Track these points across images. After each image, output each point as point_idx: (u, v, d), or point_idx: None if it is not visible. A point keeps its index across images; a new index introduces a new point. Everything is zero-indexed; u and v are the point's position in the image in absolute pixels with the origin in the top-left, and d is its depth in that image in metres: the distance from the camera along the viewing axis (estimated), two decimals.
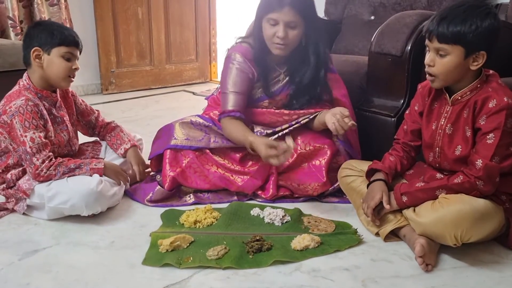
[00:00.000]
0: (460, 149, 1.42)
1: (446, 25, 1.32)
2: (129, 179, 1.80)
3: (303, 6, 1.75)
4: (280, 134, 1.86)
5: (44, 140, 1.60)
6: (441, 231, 1.34)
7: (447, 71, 1.36)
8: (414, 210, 1.44)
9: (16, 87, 1.68)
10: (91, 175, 1.61)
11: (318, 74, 1.85)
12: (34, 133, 1.58)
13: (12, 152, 1.65)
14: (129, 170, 1.88)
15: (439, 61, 1.36)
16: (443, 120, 1.46)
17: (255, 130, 1.88)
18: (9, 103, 1.60)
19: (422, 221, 1.38)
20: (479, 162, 1.34)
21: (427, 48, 1.41)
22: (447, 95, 1.46)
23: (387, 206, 1.47)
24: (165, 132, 1.96)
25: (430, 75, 1.40)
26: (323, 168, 1.81)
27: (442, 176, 1.48)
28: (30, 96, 1.62)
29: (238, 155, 1.88)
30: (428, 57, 1.39)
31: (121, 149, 1.89)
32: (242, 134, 1.78)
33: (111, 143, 1.92)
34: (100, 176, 1.62)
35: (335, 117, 1.68)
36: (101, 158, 1.90)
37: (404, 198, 1.46)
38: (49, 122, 1.67)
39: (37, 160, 1.58)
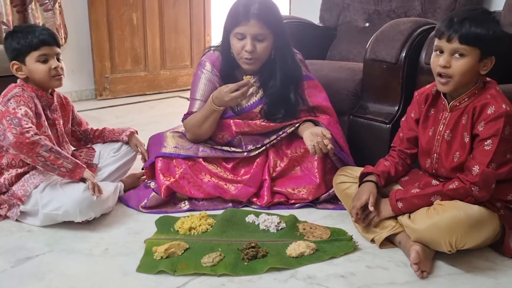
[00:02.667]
0: (458, 156, 1.42)
1: (469, 25, 1.31)
2: (102, 192, 1.62)
3: (270, 18, 1.75)
4: (268, 145, 1.87)
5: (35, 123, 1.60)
6: (436, 238, 1.34)
7: (464, 73, 1.36)
8: (410, 216, 1.44)
9: (11, 85, 1.69)
10: (71, 168, 1.57)
11: (287, 87, 1.85)
12: (27, 111, 1.57)
13: (3, 151, 1.64)
14: (124, 177, 1.90)
15: (456, 62, 1.35)
16: (441, 127, 1.47)
17: (243, 143, 1.89)
18: (5, 95, 1.62)
19: (417, 228, 1.38)
20: (476, 168, 1.34)
21: (437, 52, 1.39)
22: (445, 101, 1.46)
23: (371, 208, 1.48)
24: (156, 140, 1.96)
25: (445, 76, 1.38)
26: (316, 170, 1.81)
27: (437, 182, 1.48)
28: (26, 90, 1.66)
29: (229, 165, 1.87)
30: (443, 59, 1.36)
31: (126, 131, 1.96)
32: (203, 108, 1.83)
33: (111, 135, 1.96)
34: (79, 177, 1.59)
35: (315, 139, 1.68)
36: (95, 164, 1.89)
37: (400, 204, 1.46)
38: (43, 117, 1.67)
39: (26, 124, 1.53)
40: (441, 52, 1.38)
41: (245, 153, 1.87)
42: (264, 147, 1.88)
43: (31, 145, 1.51)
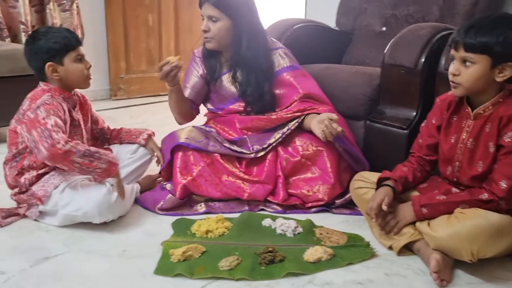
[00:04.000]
0: (482, 165, 1.41)
1: (474, 34, 1.31)
2: (128, 194, 1.70)
3: (223, 3, 1.88)
4: (274, 144, 1.88)
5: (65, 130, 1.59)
6: (456, 246, 1.33)
7: (472, 81, 1.35)
8: (429, 224, 1.43)
9: (38, 88, 1.68)
10: (105, 167, 1.57)
11: (250, 71, 1.93)
12: (57, 120, 1.56)
13: (26, 153, 1.64)
14: (140, 178, 1.92)
15: (465, 70, 1.35)
16: (464, 134, 1.45)
17: (249, 144, 1.90)
18: (34, 101, 1.60)
19: (437, 236, 1.37)
20: (503, 183, 1.33)
21: (453, 60, 1.39)
22: (469, 108, 1.45)
23: (384, 208, 1.46)
24: (168, 141, 1.96)
25: (454, 83, 1.39)
26: (330, 170, 1.81)
27: (457, 190, 1.47)
28: (55, 96, 1.65)
29: (242, 165, 1.88)
30: (453, 66, 1.38)
31: (143, 134, 1.96)
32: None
33: (128, 136, 1.96)
34: (115, 173, 1.60)
35: (322, 124, 1.71)
36: None
37: (424, 210, 1.44)
38: (68, 123, 1.66)
39: (57, 134, 1.52)
40: (454, 59, 1.38)
41: (253, 155, 1.88)
42: (270, 147, 1.88)
43: (64, 155, 1.51)
